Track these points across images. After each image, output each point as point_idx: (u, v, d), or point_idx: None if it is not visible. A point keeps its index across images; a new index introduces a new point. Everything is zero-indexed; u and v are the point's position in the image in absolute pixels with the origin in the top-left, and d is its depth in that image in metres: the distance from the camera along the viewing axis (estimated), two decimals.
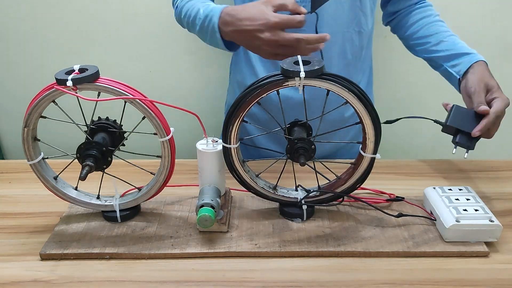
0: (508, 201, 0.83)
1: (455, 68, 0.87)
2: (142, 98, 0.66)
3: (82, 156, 0.69)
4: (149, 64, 1.32)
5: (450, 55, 0.89)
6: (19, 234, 0.74)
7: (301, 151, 0.70)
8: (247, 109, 0.69)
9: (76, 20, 1.25)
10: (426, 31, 0.95)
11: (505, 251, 0.69)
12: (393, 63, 1.29)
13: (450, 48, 0.90)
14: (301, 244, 0.70)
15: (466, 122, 0.77)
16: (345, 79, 0.66)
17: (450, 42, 0.91)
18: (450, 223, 0.69)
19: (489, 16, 1.22)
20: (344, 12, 0.89)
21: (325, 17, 0.88)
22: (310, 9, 0.83)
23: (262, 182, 0.77)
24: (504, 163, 0.97)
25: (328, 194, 0.76)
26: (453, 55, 0.89)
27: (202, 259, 0.68)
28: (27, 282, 0.64)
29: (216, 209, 0.69)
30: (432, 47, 0.92)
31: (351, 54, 0.95)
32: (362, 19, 0.92)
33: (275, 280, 0.64)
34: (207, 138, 0.75)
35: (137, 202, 0.76)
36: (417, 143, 1.42)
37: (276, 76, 0.66)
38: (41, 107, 0.67)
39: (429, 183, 0.79)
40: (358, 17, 0.91)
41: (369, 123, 0.68)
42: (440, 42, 0.92)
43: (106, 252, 0.68)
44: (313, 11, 0.82)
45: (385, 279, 0.64)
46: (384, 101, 1.32)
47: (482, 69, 0.84)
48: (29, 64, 1.31)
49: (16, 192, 0.87)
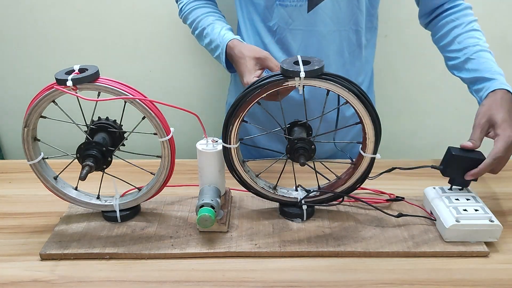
0: (508, 201, 0.83)
1: (478, 94, 0.84)
2: (142, 98, 0.66)
3: (82, 156, 0.69)
4: (149, 64, 1.32)
5: (474, 78, 0.85)
6: (19, 234, 0.74)
7: (301, 151, 0.70)
8: (247, 109, 0.69)
9: (76, 20, 1.25)
10: (455, 45, 0.89)
11: (505, 251, 0.69)
12: (393, 63, 1.29)
13: (475, 69, 0.85)
14: (301, 244, 0.70)
15: (462, 165, 0.73)
16: (345, 79, 0.66)
17: (476, 61, 0.85)
18: (450, 223, 0.69)
19: (489, 16, 1.21)
20: (341, 11, 0.89)
21: (321, 16, 0.88)
22: (307, 9, 0.83)
23: (262, 182, 0.77)
24: None
25: (328, 194, 0.76)
26: (477, 79, 0.84)
27: (202, 259, 0.68)
28: (27, 282, 0.64)
29: (216, 209, 0.69)
30: (460, 65, 0.88)
31: (348, 53, 0.95)
32: (359, 18, 0.92)
33: (275, 280, 0.64)
34: (207, 138, 0.75)
35: (137, 202, 0.76)
36: (417, 143, 1.42)
37: (276, 76, 0.66)
38: (41, 107, 0.67)
39: (429, 183, 0.79)
40: (355, 16, 0.91)
41: (369, 123, 0.68)
42: (468, 60, 0.86)
43: (106, 252, 0.68)
44: (310, 10, 0.82)
45: (385, 279, 0.64)
46: (384, 101, 1.32)
47: (492, 100, 0.78)
48: (29, 64, 1.31)
49: (16, 192, 0.87)
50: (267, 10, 0.91)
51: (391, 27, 1.23)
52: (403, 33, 1.25)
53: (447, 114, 1.36)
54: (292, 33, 0.91)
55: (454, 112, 1.35)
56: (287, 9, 0.89)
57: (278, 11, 0.89)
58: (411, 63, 1.30)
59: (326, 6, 0.88)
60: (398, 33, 1.24)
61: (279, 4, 0.89)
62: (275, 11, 0.90)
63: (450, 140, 0.88)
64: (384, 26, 1.23)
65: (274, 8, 0.89)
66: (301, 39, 0.91)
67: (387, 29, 1.24)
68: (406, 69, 1.30)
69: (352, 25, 0.92)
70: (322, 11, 0.88)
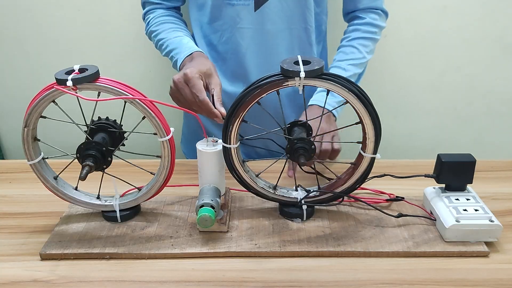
0: (508, 201, 0.83)
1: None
2: (142, 98, 0.66)
3: (82, 156, 0.69)
4: (149, 64, 1.32)
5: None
6: (19, 234, 0.74)
7: (301, 151, 0.70)
8: (247, 109, 0.69)
9: (76, 20, 1.25)
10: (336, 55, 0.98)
11: (505, 251, 0.69)
12: (393, 63, 1.29)
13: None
14: (301, 244, 0.70)
15: (455, 170, 0.74)
16: (345, 79, 0.66)
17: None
18: (450, 223, 0.69)
19: (489, 16, 1.22)
20: (289, 9, 0.90)
21: (269, 15, 0.89)
22: (254, 8, 0.84)
23: (262, 182, 0.77)
24: (504, 163, 0.97)
25: (328, 194, 0.76)
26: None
27: (202, 259, 0.68)
28: (27, 282, 0.64)
29: (216, 209, 0.69)
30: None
31: (299, 50, 0.95)
32: (308, 16, 0.92)
33: (275, 280, 0.64)
34: (207, 138, 0.75)
35: (137, 202, 0.76)
36: (417, 143, 1.42)
37: (276, 76, 0.66)
38: (41, 107, 0.67)
39: (429, 183, 0.79)
40: (303, 14, 0.91)
41: (369, 123, 0.68)
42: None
43: (106, 252, 0.68)
44: (257, 9, 0.83)
45: (385, 279, 0.64)
46: (384, 101, 1.32)
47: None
48: (29, 64, 1.31)
49: (16, 192, 0.87)
50: (214, 9, 0.91)
51: (390, 27, 1.23)
52: (402, 33, 1.25)
53: (446, 114, 1.36)
54: (240, 32, 0.91)
55: (453, 112, 1.35)
56: (235, 8, 0.89)
57: (226, 11, 0.90)
58: (410, 63, 1.30)
59: (273, 4, 0.88)
60: (398, 33, 1.24)
61: (227, 3, 0.89)
62: (223, 10, 0.90)
63: (449, 140, 0.88)
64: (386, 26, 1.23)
65: (222, 8, 0.90)
66: (249, 37, 0.91)
67: (387, 29, 1.23)
68: (405, 69, 1.30)
69: (302, 23, 0.92)
70: (269, 10, 0.89)
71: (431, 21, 1.23)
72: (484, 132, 1.39)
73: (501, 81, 1.30)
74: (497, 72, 1.28)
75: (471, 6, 1.21)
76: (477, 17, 1.22)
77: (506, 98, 1.33)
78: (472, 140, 1.40)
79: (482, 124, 1.37)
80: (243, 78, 0.96)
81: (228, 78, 0.97)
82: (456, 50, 1.26)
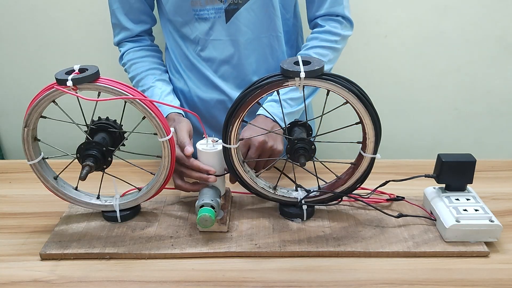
0: (508, 201, 0.83)
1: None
2: (142, 98, 0.66)
3: (82, 156, 0.69)
4: None
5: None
6: (19, 234, 0.75)
7: (301, 151, 0.70)
8: (247, 109, 0.69)
9: (76, 20, 1.25)
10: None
11: (505, 251, 0.69)
12: (392, 63, 1.29)
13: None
14: (301, 244, 0.70)
15: (455, 170, 0.74)
16: (345, 79, 0.66)
17: None
18: (450, 223, 0.69)
19: (490, 16, 1.22)
20: (258, 19, 0.89)
21: (240, 26, 0.89)
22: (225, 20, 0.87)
23: (262, 182, 0.77)
24: (504, 163, 0.97)
25: (328, 194, 0.76)
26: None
27: (202, 259, 0.68)
28: (27, 282, 0.64)
29: (216, 209, 0.69)
30: None
31: (272, 59, 0.95)
32: (277, 23, 0.92)
33: (275, 280, 0.64)
34: (207, 138, 0.75)
35: (137, 202, 0.76)
36: (417, 143, 1.42)
37: (276, 76, 0.66)
38: (41, 107, 0.67)
39: (429, 183, 0.79)
40: (273, 22, 0.91)
41: (369, 123, 0.68)
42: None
43: (106, 252, 0.68)
44: (228, 21, 0.86)
45: (385, 279, 0.64)
46: (384, 101, 1.32)
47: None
48: (29, 64, 1.31)
49: (16, 192, 0.87)
50: (187, 23, 0.92)
51: (391, 27, 1.23)
52: (402, 33, 1.25)
53: (446, 114, 1.36)
54: (213, 44, 0.92)
55: (453, 112, 1.35)
56: (208, 22, 0.90)
57: (199, 25, 0.90)
58: (410, 63, 1.29)
59: (242, 15, 0.88)
60: (398, 33, 1.24)
61: (199, 18, 0.90)
62: (195, 25, 0.91)
63: (449, 140, 0.88)
64: (384, 26, 1.23)
65: (194, 22, 0.90)
66: (222, 49, 0.92)
67: (387, 29, 1.24)
68: (406, 69, 1.30)
69: (272, 31, 0.92)
70: (238, 21, 0.89)
71: (432, 21, 1.23)
72: (484, 132, 1.39)
73: (502, 81, 1.30)
74: (497, 72, 1.28)
75: (471, 6, 1.21)
76: (478, 17, 1.22)
77: (506, 98, 1.33)
78: (472, 140, 1.40)
79: (482, 124, 1.37)
80: (216, 87, 0.96)
81: (202, 86, 0.97)
82: (456, 50, 1.26)
